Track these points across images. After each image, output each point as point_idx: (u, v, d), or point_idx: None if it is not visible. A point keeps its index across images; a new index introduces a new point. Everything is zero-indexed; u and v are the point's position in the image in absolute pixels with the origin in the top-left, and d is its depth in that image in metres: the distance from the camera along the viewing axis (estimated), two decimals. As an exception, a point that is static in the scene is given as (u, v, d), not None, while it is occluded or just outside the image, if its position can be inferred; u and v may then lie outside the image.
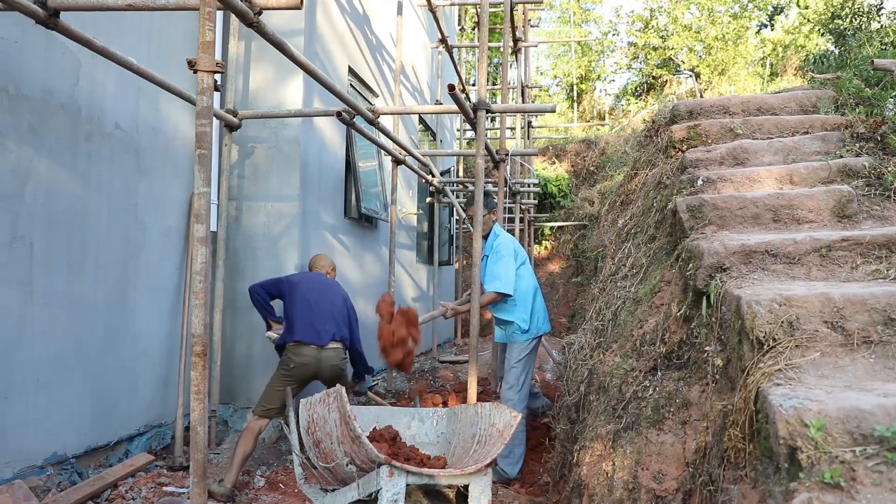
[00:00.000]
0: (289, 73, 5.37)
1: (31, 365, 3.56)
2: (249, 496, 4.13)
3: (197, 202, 2.68)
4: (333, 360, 4.39)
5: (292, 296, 4.46)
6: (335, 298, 4.60)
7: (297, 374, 4.27)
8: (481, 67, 4.86)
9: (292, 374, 4.26)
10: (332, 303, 4.54)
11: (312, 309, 4.41)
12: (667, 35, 18.69)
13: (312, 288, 4.54)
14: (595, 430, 3.02)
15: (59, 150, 3.75)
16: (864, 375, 1.98)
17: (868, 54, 5.31)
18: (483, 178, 4.74)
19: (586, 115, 22.07)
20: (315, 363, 4.31)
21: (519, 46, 9.78)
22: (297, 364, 4.26)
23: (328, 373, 4.38)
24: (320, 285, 4.61)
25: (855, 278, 2.51)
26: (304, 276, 4.68)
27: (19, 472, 3.47)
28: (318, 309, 4.43)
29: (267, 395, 4.27)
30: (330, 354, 4.37)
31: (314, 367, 4.31)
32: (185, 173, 4.95)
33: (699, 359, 2.56)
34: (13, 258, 3.44)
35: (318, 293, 4.52)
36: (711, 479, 2.13)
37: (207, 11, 2.64)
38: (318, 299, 4.47)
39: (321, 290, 4.56)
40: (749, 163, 3.91)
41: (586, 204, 13.71)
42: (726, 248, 2.74)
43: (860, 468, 1.60)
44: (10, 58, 3.41)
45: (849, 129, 3.98)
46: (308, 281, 4.61)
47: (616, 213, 5.95)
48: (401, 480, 2.67)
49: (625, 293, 3.75)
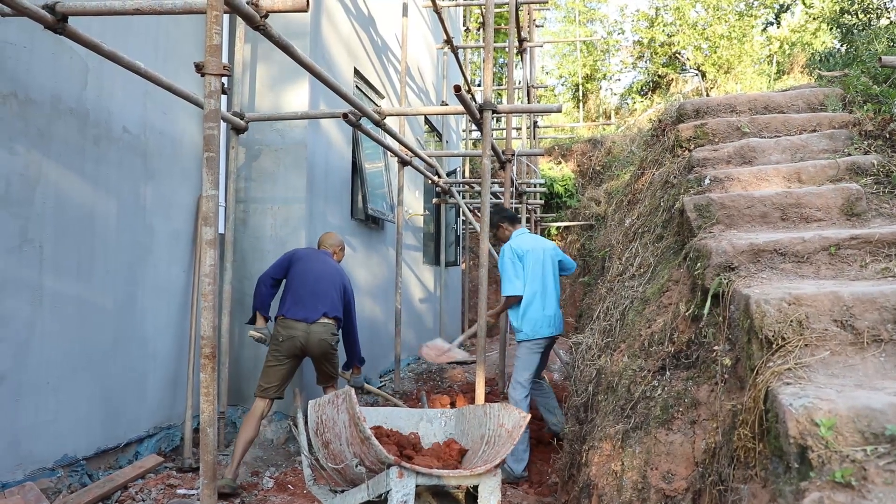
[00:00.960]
0: (295, 76, 5.39)
1: (41, 368, 3.59)
2: (258, 497, 4.14)
3: (205, 205, 2.69)
4: (322, 334, 4.33)
5: (293, 270, 4.47)
6: (334, 280, 4.53)
7: (285, 348, 4.28)
8: (487, 68, 4.86)
9: (281, 349, 4.28)
10: (329, 283, 4.49)
11: (309, 285, 4.39)
12: (673, 32, 18.64)
13: (313, 265, 4.51)
14: (604, 430, 3.01)
15: (68, 155, 3.77)
16: (874, 374, 1.97)
17: (876, 51, 5.28)
18: (489, 179, 4.75)
19: (592, 115, 22.04)
20: (304, 336, 4.29)
21: (524, 47, 9.78)
22: (284, 337, 4.28)
23: (317, 348, 4.34)
24: (322, 264, 4.57)
25: (864, 276, 2.50)
26: (308, 253, 4.65)
27: (30, 474, 3.50)
28: (315, 287, 4.40)
29: (263, 374, 4.31)
30: (319, 329, 4.33)
31: (302, 340, 4.29)
32: (192, 176, 4.98)
33: (708, 358, 2.56)
34: (23, 262, 3.46)
35: (318, 272, 4.49)
36: (721, 479, 2.12)
37: (214, 15, 2.65)
38: (316, 278, 4.44)
39: (322, 270, 4.52)
40: (756, 161, 3.89)
41: (592, 204, 13.69)
42: (734, 247, 2.73)
43: (871, 467, 1.59)
44: (19, 63, 3.43)
45: (857, 126, 3.96)
46: (311, 258, 4.58)
47: (623, 212, 5.93)
48: (410, 481, 2.68)
49: (632, 293, 3.74)
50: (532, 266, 4.81)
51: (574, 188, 14.63)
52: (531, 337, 4.79)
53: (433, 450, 3.30)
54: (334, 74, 5.93)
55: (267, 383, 4.28)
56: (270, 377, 4.28)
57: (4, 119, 3.34)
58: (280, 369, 4.29)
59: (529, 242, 4.95)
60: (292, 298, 4.37)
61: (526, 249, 4.83)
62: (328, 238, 4.93)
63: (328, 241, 4.89)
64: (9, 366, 3.38)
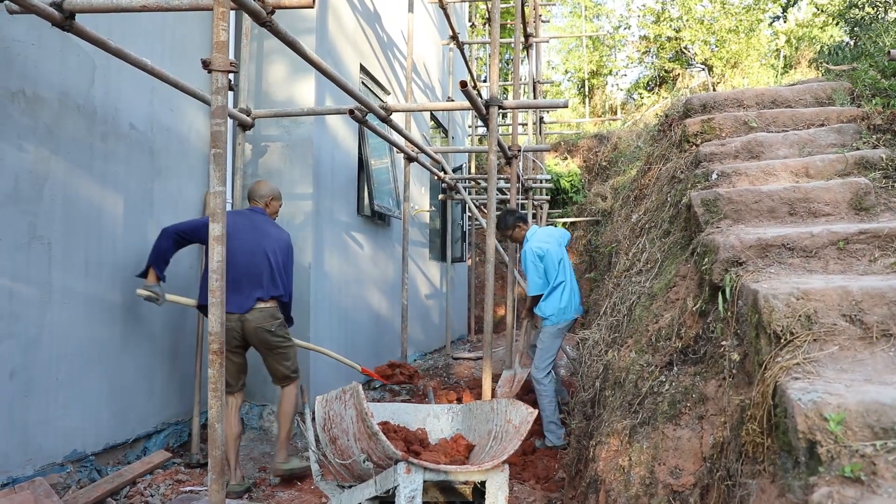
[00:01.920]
0: (301, 72, 5.39)
1: (51, 364, 3.61)
2: (266, 493, 4.16)
3: (212, 201, 2.70)
4: (258, 321, 3.99)
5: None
6: (270, 250, 4.09)
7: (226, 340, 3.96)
8: (493, 64, 4.85)
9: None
10: (262, 258, 4.04)
11: (240, 268, 3.96)
12: (680, 27, 18.56)
13: (242, 240, 4.02)
14: (611, 425, 3.01)
15: (76, 151, 3.79)
16: (883, 369, 1.96)
17: (884, 45, 5.25)
18: (496, 175, 4.74)
19: (598, 110, 21.98)
20: (238, 326, 3.97)
21: (530, 42, 9.75)
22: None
23: (254, 337, 4.02)
24: (252, 233, 4.09)
25: (873, 271, 2.49)
26: (235, 222, 4.04)
27: (40, 469, 3.52)
28: (247, 269, 3.99)
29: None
30: (255, 316, 3.98)
31: (237, 332, 3.99)
32: (199, 172, 4.99)
33: (715, 353, 2.55)
34: (32, 258, 3.49)
35: (248, 247, 4.03)
36: (729, 474, 2.12)
37: (221, 11, 2.66)
38: (247, 257, 4.01)
39: (252, 242, 4.06)
40: (764, 156, 3.88)
41: (599, 199, 13.65)
42: (742, 242, 2.72)
43: (881, 462, 1.59)
44: (27, 60, 3.45)
45: (865, 120, 3.93)
46: (238, 229, 4.02)
47: (629, 208, 5.92)
48: (418, 477, 2.68)
49: (639, 288, 3.74)
50: (552, 261, 5.24)
51: (580, 184, 14.60)
52: (558, 322, 5.19)
53: (440, 445, 3.31)
54: (340, 71, 5.93)
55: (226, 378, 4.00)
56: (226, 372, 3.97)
57: (13, 116, 3.36)
58: (229, 364, 3.94)
59: (544, 238, 5.34)
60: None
61: (545, 249, 5.23)
62: (257, 188, 4.36)
63: (258, 192, 4.34)
64: (19, 362, 3.40)
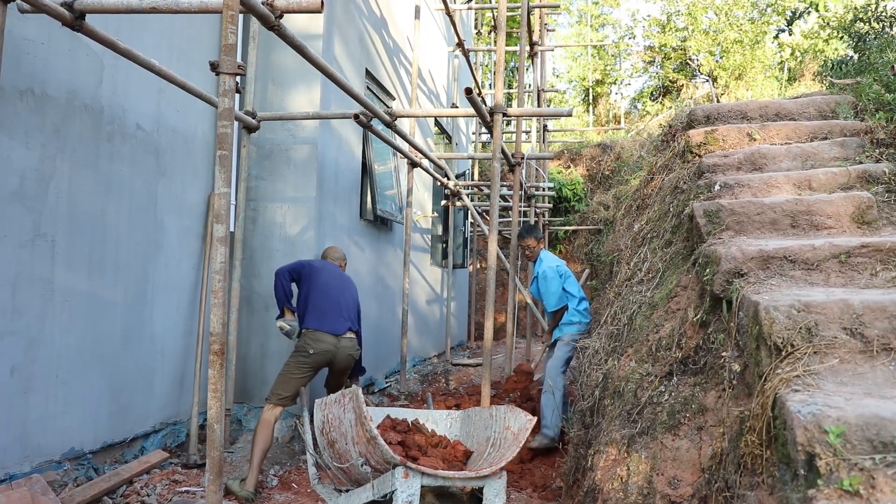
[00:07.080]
0: (307, 76, 5.41)
1: (52, 361, 3.62)
2: (262, 495, 4.16)
3: (217, 202, 2.71)
4: (350, 349, 4.49)
5: (313, 282, 4.51)
6: (352, 292, 4.70)
7: (314, 360, 4.32)
8: (498, 71, 4.87)
9: (309, 361, 4.30)
10: (350, 296, 4.65)
11: (333, 298, 4.50)
12: (685, 37, 18.60)
13: (334, 278, 4.63)
14: (610, 434, 3.01)
15: (82, 150, 3.80)
16: (883, 382, 1.96)
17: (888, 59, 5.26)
18: (499, 182, 4.75)
19: (602, 119, 22.01)
20: (333, 350, 4.39)
21: (535, 50, 9.78)
22: (316, 350, 4.30)
23: (343, 362, 4.49)
24: (340, 277, 4.71)
25: (875, 285, 2.49)
26: (325, 265, 4.74)
27: (37, 466, 3.52)
28: (338, 301, 4.52)
29: (282, 383, 4.27)
30: (347, 343, 4.48)
31: (332, 354, 4.39)
32: (204, 174, 5.00)
33: (716, 364, 2.55)
34: (35, 256, 3.50)
35: (338, 284, 4.61)
36: (727, 486, 2.12)
37: (230, 14, 2.67)
38: (338, 290, 4.57)
39: (341, 282, 4.66)
40: (767, 168, 3.88)
41: (601, 208, 13.67)
42: (744, 254, 2.73)
43: (880, 476, 1.59)
44: (36, 59, 3.47)
45: (868, 134, 3.94)
46: (330, 271, 4.68)
47: (632, 217, 5.93)
48: (416, 482, 2.68)
49: (640, 298, 3.74)
50: (571, 279, 5.57)
51: (583, 192, 14.62)
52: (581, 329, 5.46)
53: (438, 451, 3.30)
54: (346, 75, 5.95)
55: (285, 392, 4.24)
56: (290, 387, 4.25)
57: (21, 114, 3.38)
58: (302, 380, 4.29)
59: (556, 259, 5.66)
60: (318, 311, 4.41)
61: (565, 269, 5.60)
62: (333, 252, 5.02)
63: (334, 255, 4.99)
64: (20, 359, 3.41)
